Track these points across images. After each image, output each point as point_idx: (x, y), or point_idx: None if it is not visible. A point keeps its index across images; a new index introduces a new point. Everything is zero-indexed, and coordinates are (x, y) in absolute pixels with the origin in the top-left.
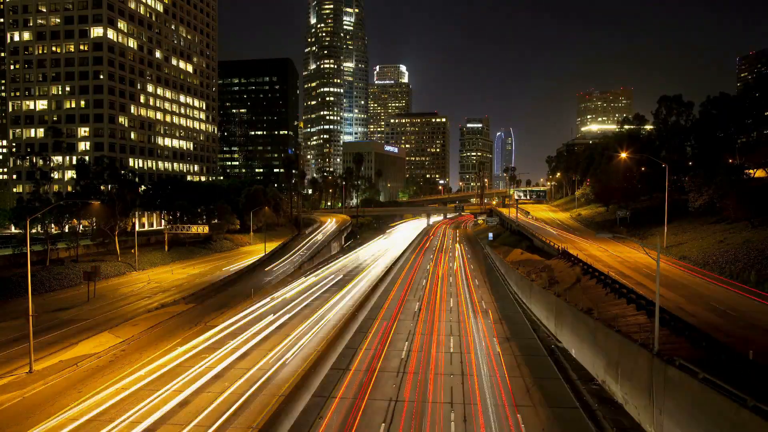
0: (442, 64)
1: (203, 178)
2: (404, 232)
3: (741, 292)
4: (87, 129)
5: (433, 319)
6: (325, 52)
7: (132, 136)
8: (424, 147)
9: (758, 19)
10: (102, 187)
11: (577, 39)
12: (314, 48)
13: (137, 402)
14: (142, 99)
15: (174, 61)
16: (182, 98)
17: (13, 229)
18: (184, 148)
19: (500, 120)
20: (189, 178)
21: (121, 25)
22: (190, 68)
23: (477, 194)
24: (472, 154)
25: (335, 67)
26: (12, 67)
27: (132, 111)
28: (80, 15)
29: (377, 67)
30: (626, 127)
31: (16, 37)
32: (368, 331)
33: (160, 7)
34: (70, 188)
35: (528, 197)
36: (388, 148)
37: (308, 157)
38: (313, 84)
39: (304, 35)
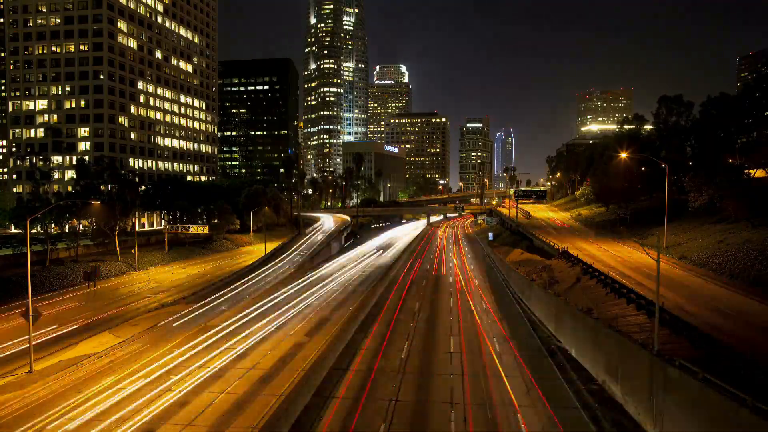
0: (442, 63)
1: (203, 178)
2: (404, 232)
3: (741, 292)
4: (87, 129)
5: (432, 318)
6: (325, 52)
7: (132, 136)
8: (424, 147)
9: (758, 19)
10: (102, 187)
11: (577, 39)
12: (314, 48)
13: (137, 402)
14: (142, 99)
15: (174, 61)
16: (182, 98)
17: (13, 229)
18: (184, 148)
19: (500, 120)
20: (189, 178)
21: (121, 25)
22: (190, 68)
23: (477, 194)
24: (472, 154)
25: (335, 67)
26: (12, 67)
27: (132, 111)
28: (80, 15)
29: (377, 67)
30: (626, 127)
31: (16, 37)
32: (368, 331)
33: (160, 7)
34: (70, 188)
35: (528, 197)
36: (388, 148)
37: (308, 157)
38: (313, 84)
39: (304, 35)
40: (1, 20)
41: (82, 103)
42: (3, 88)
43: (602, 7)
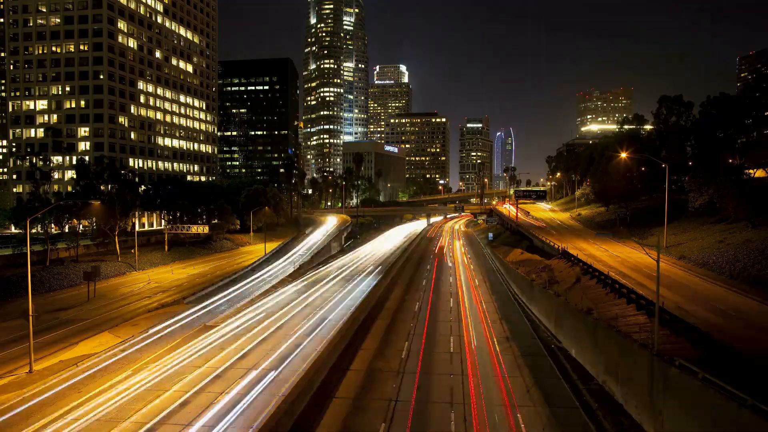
0: (442, 64)
1: (203, 178)
2: (404, 232)
3: (741, 292)
4: (87, 129)
5: (432, 319)
6: (325, 52)
7: (132, 136)
8: (424, 147)
9: (758, 19)
10: (102, 187)
11: (577, 40)
12: (314, 48)
13: (137, 402)
14: (142, 99)
15: (174, 61)
16: (182, 98)
17: (13, 229)
18: (184, 148)
19: (500, 120)
20: (189, 178)
21: (121, 25)
22: (190, 68)
23: (477, 194)
24: (472, 154)
25: (335, 67)
26: (12, 67)
27: (132, 111)
28: (80, 15)
29: (377, 67)
30: (626, 127)
31: (16, 37)
32: (368, 331)
33: (160, 7)
34: (70, 188)
35: (528, 197)
36: (388, 148)
37: (308, 157)
38: (313, 84)
39: (304, 35)
40: (1, 20)
41: (82, 103)
42: (3, 88)
43: (602, 7)
